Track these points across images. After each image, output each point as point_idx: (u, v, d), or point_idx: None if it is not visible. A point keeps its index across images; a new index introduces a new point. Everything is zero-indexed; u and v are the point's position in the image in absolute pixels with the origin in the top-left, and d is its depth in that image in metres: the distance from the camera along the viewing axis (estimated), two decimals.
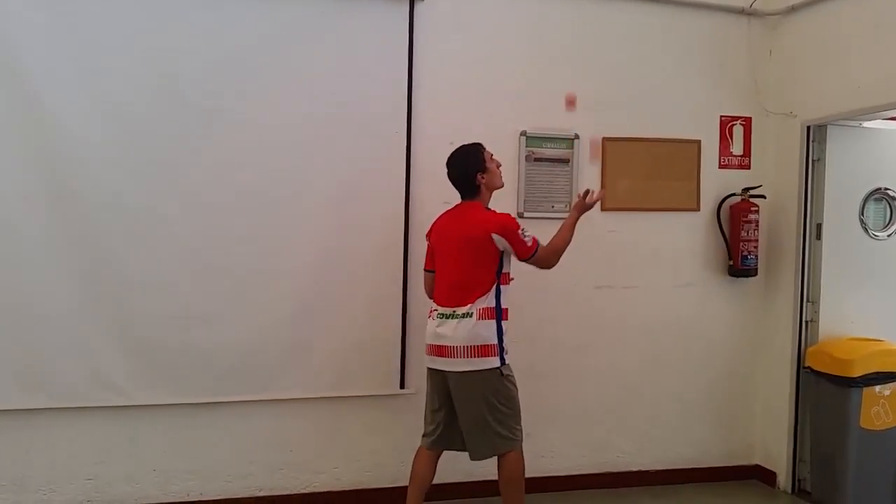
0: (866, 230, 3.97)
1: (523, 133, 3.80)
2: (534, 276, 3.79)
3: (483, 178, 3.04)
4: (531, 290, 3.82)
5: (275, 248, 3.47)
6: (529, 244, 2.97)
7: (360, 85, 3.55)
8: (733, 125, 4.15)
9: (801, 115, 3.96)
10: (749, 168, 4.16)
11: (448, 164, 3.10)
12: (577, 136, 3.87)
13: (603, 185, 3.89)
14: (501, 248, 2.96)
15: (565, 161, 3.86)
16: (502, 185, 3.18)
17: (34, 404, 3.23)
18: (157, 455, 3.43)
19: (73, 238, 3.22)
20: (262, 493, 3.56)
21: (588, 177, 3.89)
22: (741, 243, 4.02)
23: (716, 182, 4.10)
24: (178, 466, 3.45)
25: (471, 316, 2.92)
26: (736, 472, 4.19)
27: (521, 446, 3.03)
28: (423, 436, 3.15)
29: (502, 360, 2.97)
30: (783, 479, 4.03)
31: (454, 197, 3.64)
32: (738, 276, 4.08)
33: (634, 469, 4.04)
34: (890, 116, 3.77)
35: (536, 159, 3.82)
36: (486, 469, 3.19)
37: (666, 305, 4.06)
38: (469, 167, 3.05)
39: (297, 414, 3.59)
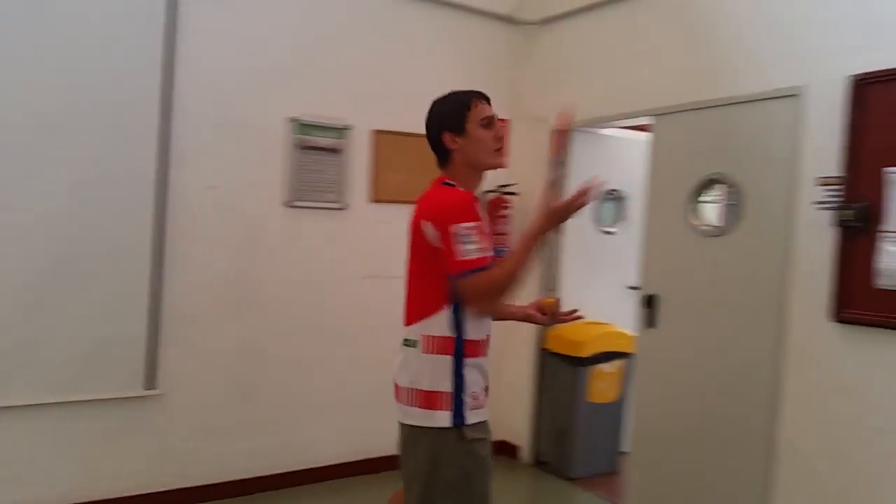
0: (599, 226, 4.49)
1: (293, 119, 3.69)
2: (297, 269, 3.75)
3: (455, 141, 2.02)
4: (296, 283, 3.77)
5: (1, 237, 3.01)
6: (467, 256, 1.83)
7: (108, 56, 3.18)
8: None
9: (552, 120, 4.33)
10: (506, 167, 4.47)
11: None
12: (348, 127, 3.85)
13: (374, 177, 3.94)
14: (438, 246, 1.91)
15: (337, 151, 3.83)
16: (498, 165, 2.09)
17: None
18: None
19: None
20: None
21: (359, 167, 3.91)
22: (496, 236, 4.32)
23: None
24: None
25: (415, 346, 1.97)
26: None
27: None
28: None
29: (459, 417, 1.92)
30: (525, 453, 4.44)
31: (219, 182, 3.49)
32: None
33: (394, 453, 4.15)
34: (621, 125, 4.29)
35: (307, 147, 3.74)
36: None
37: None
38: (435, 123, 2.06)
39: (25, 422, 3.14)
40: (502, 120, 1.94)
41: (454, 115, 2.02)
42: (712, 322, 3.31)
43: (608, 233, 4.53)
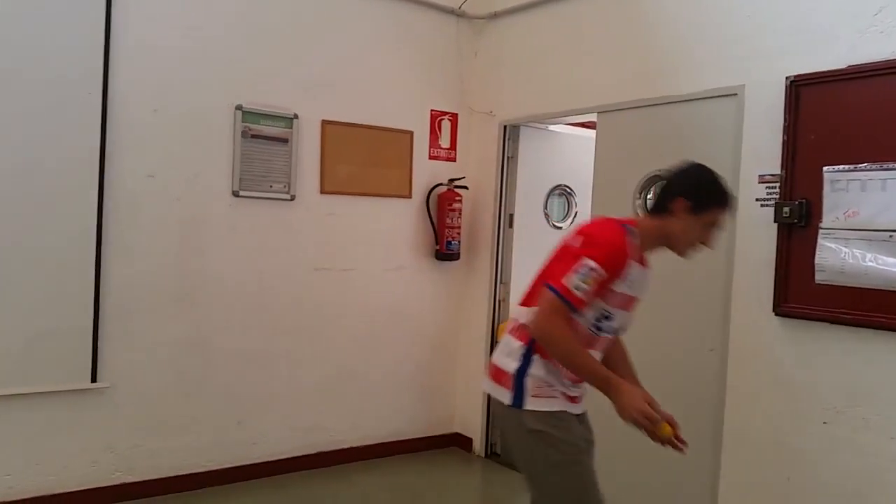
0: (549, 221, 4.54)
1: (239, 107, 3.62)
2: (245, 260, 3.69)
3: (683, 214, 2.05)
4: (244, 274, 3.71)
5: None
6: (569, 284, 1.94)
7: (43, 38, 3.08)
8: (442, 120, 4.43)
9: (499, 115, 4.36)
10: (455, 161, 4.49)
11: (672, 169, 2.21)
12: (296, 116, 3.80)
13: (324, 168, 3.91)
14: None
15: (284, 140, 3.77)
16: (681, 254, 2.16)
17: None
18: None
19: None
20: None
21: (308, 158, 3.86)
22: (446, 230, 4.32)
23: (426, 172, 4.34)
24: None
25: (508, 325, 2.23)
26: (439, 441, 4.52)
27: None
28: None
29: (518, 399, 2.08)
30: (478, 445, 4.46)
31: (160, 170, 3.40)
32: (443, 259, 4.39)
33: (345, 446, 4.15)
34: (570, 122, 4.34)
35: (254, 136, 3.67)
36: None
37: (380, 287, 4.21)
38: (684, 184, 2.10)
39: None
40: None
41: (704, 199, 2.07)
42: (658, 315, 3.37)
43: (558, 228, 4.58)
